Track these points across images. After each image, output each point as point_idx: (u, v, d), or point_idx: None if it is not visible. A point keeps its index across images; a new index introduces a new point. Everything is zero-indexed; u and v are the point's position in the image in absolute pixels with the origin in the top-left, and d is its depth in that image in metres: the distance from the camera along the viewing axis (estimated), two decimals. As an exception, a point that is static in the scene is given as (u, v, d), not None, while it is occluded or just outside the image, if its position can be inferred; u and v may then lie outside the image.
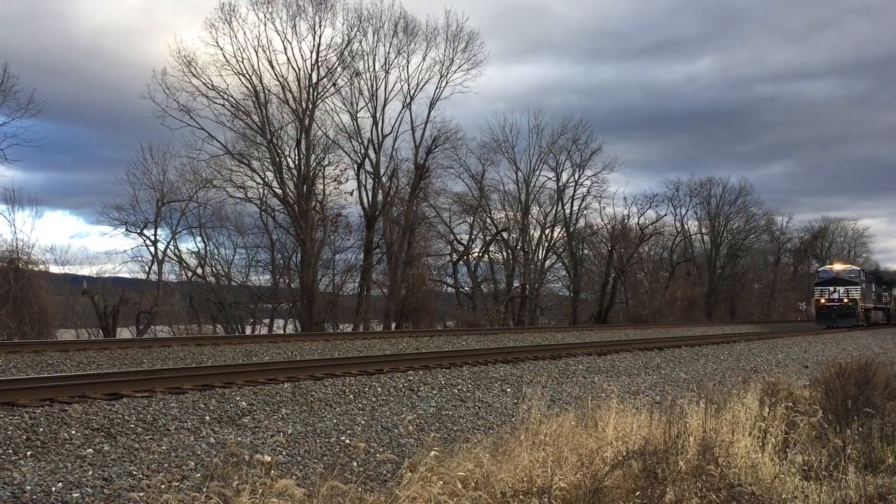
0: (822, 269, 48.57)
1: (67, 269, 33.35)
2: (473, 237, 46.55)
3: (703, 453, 7.08)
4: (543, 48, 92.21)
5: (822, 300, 42.81)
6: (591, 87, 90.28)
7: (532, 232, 48.46)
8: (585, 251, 53.45)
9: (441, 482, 5.96)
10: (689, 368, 17.16)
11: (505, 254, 47.73)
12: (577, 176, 49.14)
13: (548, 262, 50.22)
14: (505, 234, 46.52)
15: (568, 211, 49.50)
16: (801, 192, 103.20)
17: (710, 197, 63.46)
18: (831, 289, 42.63)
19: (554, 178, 48.67)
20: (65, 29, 65.51)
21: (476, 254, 46.83)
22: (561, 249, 50.52)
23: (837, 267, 45.70)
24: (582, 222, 51.12)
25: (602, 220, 53.16)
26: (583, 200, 49.89)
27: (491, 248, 47.29)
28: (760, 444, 7.94)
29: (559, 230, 49.70)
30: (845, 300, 42.00)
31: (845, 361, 12.63)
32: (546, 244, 49.26)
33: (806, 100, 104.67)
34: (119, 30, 64.16)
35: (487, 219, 46.30)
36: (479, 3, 74.82)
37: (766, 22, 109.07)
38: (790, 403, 9.86)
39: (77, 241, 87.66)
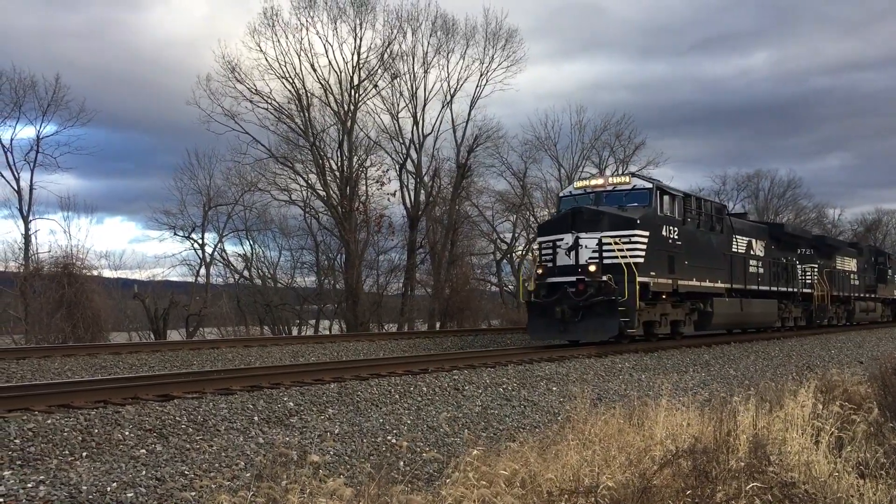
0: (564, 192, 20.99)
1: (120, 274, 34.20)
2: (517, 235, 46.40)
3: (754, 451, 6.95)
4: (595, 46, 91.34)
5: (541, 270, 17.83)
6: (644, 84, 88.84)
7: (575, 229, 47.97)
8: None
9: (487, 482, 5.95)
10: (738, 365, 16.87)
11: (549, 251, 47.40)
12: (620, 171, 48.59)
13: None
14: (548, 232, 46.18)
15: (612, 207, 48.91)
16: (859, 184, 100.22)
17: (758, 190, 62.05)
18: (567, 240, 17.34)
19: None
20: (130, 40, 66.86)
21: (520, 252, 46.69)
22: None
23: (595, 181, 19.53)
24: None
25: (647, 215, 52.32)
26: (627, 196, 49.25)
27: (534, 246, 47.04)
28: (814, 441, 7.77)
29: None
30: (592, 268, 16.77)
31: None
32: (590, 241, 48.79)
33: (863, 91, 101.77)
34: (183, 40, 65.53)
35: (531, 216, 46.07)
36: (532, 1, 74.52)
37: (823, 13, 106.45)
38: (845, 401, 9.63)
39: (135, 245, 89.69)
